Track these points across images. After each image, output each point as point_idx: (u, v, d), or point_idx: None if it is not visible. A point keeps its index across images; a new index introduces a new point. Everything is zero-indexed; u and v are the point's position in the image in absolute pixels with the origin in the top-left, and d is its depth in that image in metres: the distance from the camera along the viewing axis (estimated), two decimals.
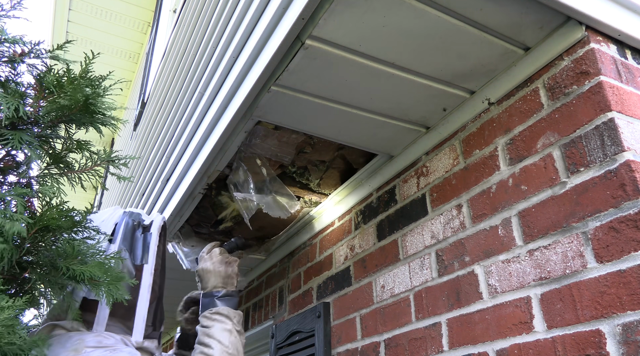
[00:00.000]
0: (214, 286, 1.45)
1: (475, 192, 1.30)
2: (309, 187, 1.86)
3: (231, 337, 1.30)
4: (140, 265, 1.25)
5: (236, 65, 1.42)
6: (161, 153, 2.39)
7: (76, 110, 0.96)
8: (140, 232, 1.31)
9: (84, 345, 1.04)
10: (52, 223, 0.90)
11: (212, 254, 1.54)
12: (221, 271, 1.49)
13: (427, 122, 1.47)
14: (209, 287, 1.45)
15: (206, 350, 1.25)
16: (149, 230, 1.32)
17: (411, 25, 1.09)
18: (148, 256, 1.27)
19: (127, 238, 1.27)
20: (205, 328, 1.32)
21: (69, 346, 1.03)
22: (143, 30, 6.17)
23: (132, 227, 1.30)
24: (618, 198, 0.95)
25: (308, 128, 1.48)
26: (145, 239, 1.30)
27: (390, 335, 1.46)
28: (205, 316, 1.35)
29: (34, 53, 0.97)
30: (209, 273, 1.48)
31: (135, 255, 1.26)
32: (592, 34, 1.10)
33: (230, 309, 1.38)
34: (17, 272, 0.90)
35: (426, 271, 1.40)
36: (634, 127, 1.02)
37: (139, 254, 1.27)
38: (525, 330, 1.07)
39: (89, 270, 0.93)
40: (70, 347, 1.03)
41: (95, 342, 1.06)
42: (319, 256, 1.99)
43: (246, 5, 1.38)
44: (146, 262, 1.26)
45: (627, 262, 0.91)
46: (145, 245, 1.29)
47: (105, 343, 1.07)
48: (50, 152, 1.00)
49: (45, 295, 0.98)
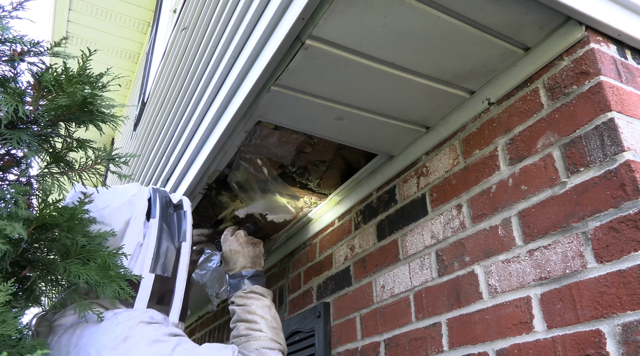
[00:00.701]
0: (243, 266, 1.46)
1: (475, 192, 1.30)
2: (309, 187, 1.86)
3: (271, 312, 1.34)
4: (178, 243, 1.24)
5: (236, 65, 1.42)
6: (161, 153, 2.39)
7: (75, 109, 0.96)
8: (172, 209, 1.29)
9: (138, 320, 1.00)
10: (51, 221, 0.90)
11: (238, 236, 1.54)
12: (249, 251, 1.50)
13: (427, 122, 1.47)
14: (237, 268, 1.45)
15: (252, 325, 1.27)
16: (181, 208, 1.31)
17: (411, 25, 1.09)
18: (185, 234, 1.26)
19: (164, 214, 1.26)
20: (244, 306, 1.33)
21: (120, 321, 0.99)
22: (143, 30, 6.17)
23: (166, 203, 1.29)
24: (618, 198, 0.95)
25: (308, 128, 1.48)
26: (179, 217, 1.29)
27: (390, 335, 1.46)
28: (240, 296, 1.37)
29: (33, 51, 0.97)
30: (237, 253, 1.48)
31: (173, 233, 1.25)
32: (592, 34, 1.10)
33: (263, 287, 1.41)
34: (16, 270, 0.90)
35: (426, 271, 1.40)
36: (633, 127, 1.02)
37: (175, 232, 1.25)
38: (525, 330, 1.07)
39: (86, 273, 0.92)
40: (122, 322, 0.99)
41: (149, 318, 1.03)
42: (318, 256, 1.99)
43: (246, 5, 1.38)
44: (184, 240, 1.25)
45: (627, 261, 0.91)
46: (179, 222, 1.28)
47: (157, 319, 1.05)
48: (50, 151, 1.00)
49: (46, 293, 0.98)
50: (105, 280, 0.95)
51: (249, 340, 1.24)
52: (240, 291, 1.38)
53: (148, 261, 1.15)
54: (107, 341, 0.95)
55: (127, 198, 1.21)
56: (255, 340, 1.23)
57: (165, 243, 1.20)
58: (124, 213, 1.17)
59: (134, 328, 0.98)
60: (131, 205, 1.20)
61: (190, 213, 1.32)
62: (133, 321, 1.00)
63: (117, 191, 1.23)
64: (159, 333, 1.00)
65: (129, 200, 1.21)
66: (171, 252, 1.21)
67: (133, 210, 1.19)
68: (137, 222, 1.18)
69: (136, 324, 0.99)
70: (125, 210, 1.18)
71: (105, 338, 0.96)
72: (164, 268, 1.18)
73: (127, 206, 1.19)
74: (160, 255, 1.18)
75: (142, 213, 1.21)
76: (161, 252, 1.19)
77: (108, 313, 1.02)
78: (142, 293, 1.11)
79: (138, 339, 0.96)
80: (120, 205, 1.18)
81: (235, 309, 1.36)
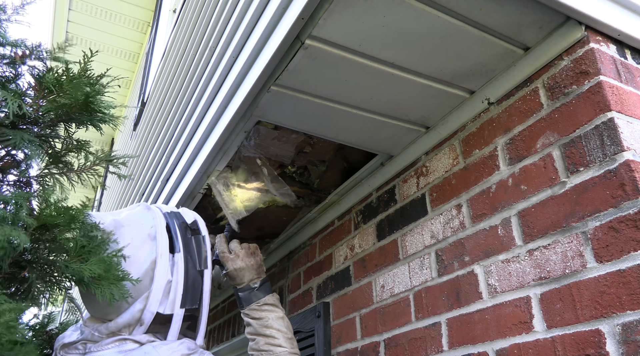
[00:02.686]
0: (250, 279, 1.50)
1: (475, 192, 1.30)
2: (308, 187, 1.86)
3: (285, 323, 1.42)
4: (201, 271, 1.22)
5: (236, 65, 1.42)
6: (161, 153, 2.39)
7: (76, 109, 0.96)
8: (189, 234, 1.26)
9: (180, 353, 1.05)
10: (51, 222, 0.90)
11: (236, 251, 1.54)
12: (253, 264, 1.53)
13: (427, 122, 1.47)
14: (245, 282, 1.49)
15: (271, 340, 1.36)
16: (199, 233, 1.28)
17: (411, 25, 1.09)
18: (207, 261, 1.24)
19: (186, 245, 1.22)
20: (259, 320, 1.40)
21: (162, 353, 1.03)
22: (143, 30, 6.17)
23: (184, 229, 1.25)
24: (618, 198, 0.95)
25: (308, 128, 1.47)
26: (198, 242, 1.26)
27: (390, 335, 1.46)
28: (254, 310, 1.43)
29: (35, 55, 0.98)
30: (242, 270, 1.50)
31: (194, 260, 1.22)
32: (592, 33, 1.10)
33: (273, 296, 1.47)
34: (15, 271, 0.90)
35: (426, 271, 1.40)
36: (633, 127, 1.02)
37: (196, 259, 1.22)
38: (524, 329, 1.07)
39: (88, 268, 0.93)
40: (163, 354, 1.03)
41: (186, 348, 1.08)
42: (318, 256, 1.99)
43: (246, 5, 1.38)
44: (206, 267, 1.23)
45: (626, 261, 0.91)
46: (199, 248, 1.25)
47: (192, 348, 1.10)
48: (50, 152, 1.00)
49: (45, 293, 0.98)
50: (108, 274, 0.95)
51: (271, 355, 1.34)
52: (254, 304, 1.44)
53: (179, 298, 1.15)
54: None
55: (147, 232, 1.17)
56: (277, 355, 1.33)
57: (192, 276, 1.19)
58: (147, 252, 1.14)
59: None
60: (152, 240, 1.16)
61: (208, 236, 1.30)
62: (176, 354, 1.05)
63: (131, 222, 1.18)
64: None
65: (148, 234, 1.17)
66: (197, 282, 1.20)
67: (157, 246, 1.15)
68: (164, 259, 1.15)
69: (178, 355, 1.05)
70: (148, 247, 1.15)
71: None
72: (193, 301, 1.18)
73: (148, 242, 1.16)
74: (189, 289, 1.18)
75: (166, 248, 1.17)
76: (189, 286, 1.18)
77: (146, 346, 1.06)
78: (174, 327, 1.14)
79: None
80: (142, 242, 1.15)
81: (250, 322, 1.43)
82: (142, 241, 1.15)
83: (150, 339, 1.10)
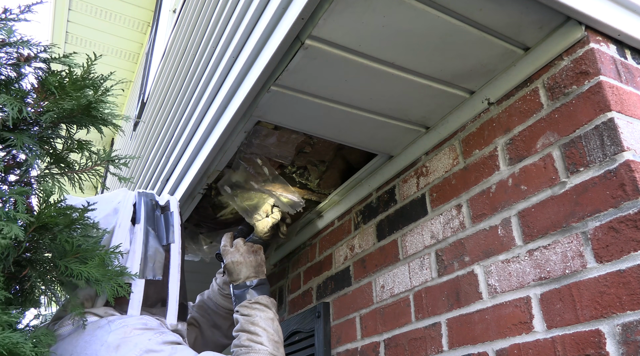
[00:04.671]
0: (247, 276, 1.47)
1: (475, 192, 1.30)
2: (308, 187, 1.86)
3: (274, 325, 1.35)
4: (167, 245, 1.24)
5: (236, 65, 1.42)
6: (161, 153, 2.39)
7: (78, 113, 0.96)
8: (159, 212, 1.30)
9: (132, 328, 1.01)
10: (51, 221, 0.90)
11: (237, 245, 1.54)
12: (252, 261, 1.51)
13: (427, 122, 1.47)
14: (241, 278, 1.47)
15: (253, 337, 1.29)
16: (168, 210, 1.32)
17: (411, 25, 1.09)
18: (173, 235, 1.27)
19: (150, 217, 1.26)
20: (247, 317, 1.35)
21: (113, 329, 0.99)
22: (143, 30, 6.17)
23: (152, 206, 1.29)
24: (618, 198, 0.95)
25: (308, 128, 1.48)
26: (166, 218, 1.30)
27: (390, 335, 1.46)
28: (244, 306, 1.39)
29: (40, 58, 0.98)
30: (239, 264, 1.49)
31: (160, 235, 1.25)
32: (592, 33, 1.10)
33: (268, 298, 1.43)
34: (16, 270, 0.90)
35: (426, 271, 1.40)
36: (633, 127, 1.02)
37: (163, 234, 1.26)
38: (524, 330, 1.07)
39: (87, 271, 0.93)
40: (115, 330, 0.99)
41: (142, 324, 1.03)
42: (318, 256, 1.99)
43: (246, 5, 1.38)
44: (173, 241, 1.26)
45: (626, 261, 0.91)
46: (167, 224, 1.29)
47: (151, 326, 1.05)
48: (51, 152, 1.00)
49: (45, 293, 0.98)
50: (105, 278, 0.95)
51: (249, 351, 1.25)
52: (246, 301, 1.40)
53: (136, 267, 1.16)
54: (99, 349, 0.96)
55: (113, 206, 1.22)
56: (256, 353, 1.25)
57: (152, 247, 1.21)
58: (108, 224, 1.18)
59: (127, 336, 0.98)
60: (116, 213, 1.21)
61: (178, 214, 1.33)
62: (126, 329, 1.00)
63: (104, 200, 1.23)
64: (152, 342, 0.99)
65: (114, 208, 1.21)
66: (160, 254, 1.21)
67: (117, 218, 1.20)
68: (122, 229, 1.18)
69: (129, 332, 0.99)
70: (111, 219, 1.19)
71: (97, 346, 0.96)
72: (154, 272, 1.18)
73: (112, 215, 1.20)
74: (149, 260, 1.19)
75: (126, 219, 1.21)
76: (149, 257, 1.20)
77: (102, 321, 1.03)
78: (134, 299, 1.12)
79: (131, 348, 0.96)
80: (106, 215, 1.19)
81: (239, 318, 1.37)
82: (106, 214, 1.19)
83: (110, 312, 1.08)
